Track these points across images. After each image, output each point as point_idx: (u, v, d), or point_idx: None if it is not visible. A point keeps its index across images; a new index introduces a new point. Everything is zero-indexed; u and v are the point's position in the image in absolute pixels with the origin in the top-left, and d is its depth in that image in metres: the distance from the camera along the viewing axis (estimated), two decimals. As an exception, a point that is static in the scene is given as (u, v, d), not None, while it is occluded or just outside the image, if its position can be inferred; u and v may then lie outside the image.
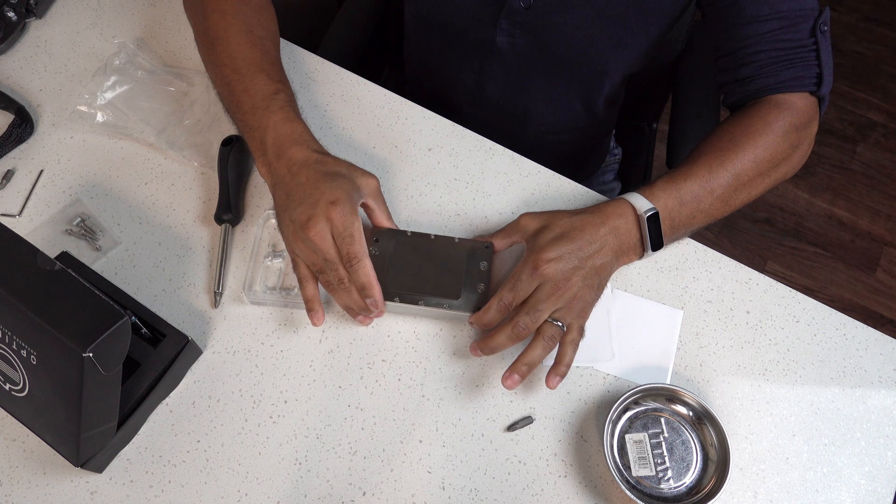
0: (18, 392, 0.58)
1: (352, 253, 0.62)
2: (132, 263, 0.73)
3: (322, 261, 0.63)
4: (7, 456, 0.64)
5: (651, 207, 0.66)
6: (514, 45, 0.81)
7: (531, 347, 0.63)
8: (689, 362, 0.69)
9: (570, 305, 0.64)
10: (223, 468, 0.64)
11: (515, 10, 0.77)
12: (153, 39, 0.88)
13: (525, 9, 0.76)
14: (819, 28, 0.69)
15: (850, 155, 1.86)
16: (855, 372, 0.69)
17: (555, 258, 0.64)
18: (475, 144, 0.81)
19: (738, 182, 0.69)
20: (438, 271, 0.69)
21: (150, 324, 0.65)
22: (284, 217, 0.66)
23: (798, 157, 0.73)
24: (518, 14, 0.77)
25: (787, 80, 0.71)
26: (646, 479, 0.62)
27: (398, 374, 0.68)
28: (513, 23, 0.78)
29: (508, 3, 0.76)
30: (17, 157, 0.79)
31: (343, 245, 0.62)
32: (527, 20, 0.78)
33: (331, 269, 0.63)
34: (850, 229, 1.76)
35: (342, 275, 0.63)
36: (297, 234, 0.64)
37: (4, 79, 0.84)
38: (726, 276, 0.74)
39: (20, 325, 0.54)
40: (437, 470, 0.64)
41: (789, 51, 0.70)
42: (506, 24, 0.79)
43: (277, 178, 0.67)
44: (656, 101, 1.16)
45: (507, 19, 0.78)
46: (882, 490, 0.64)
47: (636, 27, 0.77)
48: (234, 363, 0.69)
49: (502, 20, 0.78)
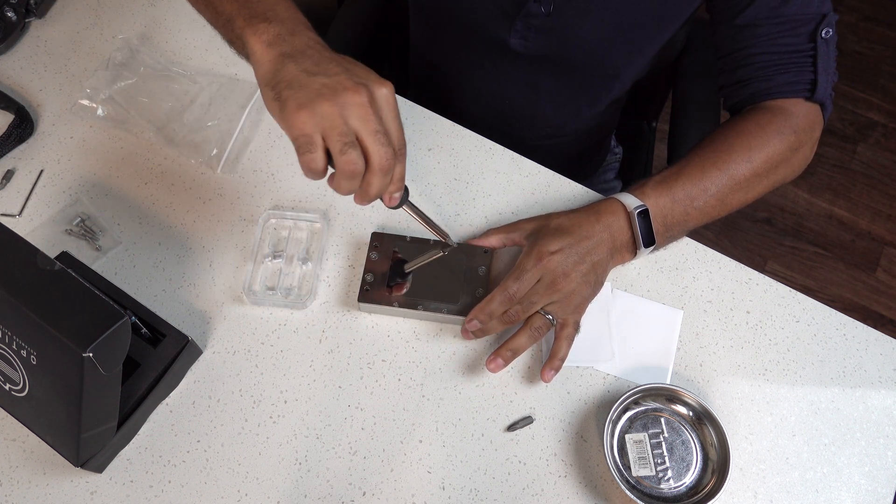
0: (18, 392, 0.58)
1: (403, 140, 0.54)
2: (132, 263, 0.73)
3: (346, 133, 0.50)
4: (7, 456, 0.64)
5: (641, 204, 0.67)
6: (527, 47, 0.81)
7: (518, 335, 0.65)
8: (689, 362, 0.69)
9: (567, 300, 0.65)
10: (223, 468, 0.64)
11: (534, 13, 0.76)
12: (153, 39, 0.88)
13: (546, 14, 0.76)
14: (820, 34, 0.69)
15: (851, 155, 1.86)
16: (855, 372, 0.69)
17: (557, 250, 0.65)
18: (475, 144, 0.81)
19: (733, 182, 0.69)
20: (437, 276, 0.69)
21: (150, 324, 0.65)
22: (304, 79, 0.51)
23: (799, 159, 0.72)
24: (536, 18, 0.77)
25: (780, 85, 0.71)
26: (646, 479, 0.62)
27: (398, 374, 0.68)
28: (528, 26, 0.78)
29: (527, 7, 0.76)
30: (17, 157, 0.79)
31: (395, 129, 0.53)
32: (544, 24, 0.77)
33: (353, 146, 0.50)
34: (851, 229, 1.76)
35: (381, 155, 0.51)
36: (323, 95, 0.50)
37: (4, 79, 0.84)
38: (726, 276, 0.74)
39: (20, 325, 0.54)
40: (437, 470, 0.64)
41: (785, 55, 0.70)
42: (521, 26, 0.78)
43: (294, 49, 0.54)
44: (656, 101, 1.16)
45: (523, 22, 0.78)
46: (882, 490, 0.64)
47: (651, 32, 0.77)
48: (234, 363, 0.69)
49: (518, 23, 0.78)
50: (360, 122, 0.50)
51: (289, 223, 0.75)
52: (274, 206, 0.77)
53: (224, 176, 0.79)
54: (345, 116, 0.50)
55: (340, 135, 0.50)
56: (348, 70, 0.52)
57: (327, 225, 0.75)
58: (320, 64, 0.52)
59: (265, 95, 0.53)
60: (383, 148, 0.51)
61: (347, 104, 0.50)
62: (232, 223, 0.76)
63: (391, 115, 0.53)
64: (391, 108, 0.53)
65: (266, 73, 0.53)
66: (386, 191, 0.54)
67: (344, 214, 0.76)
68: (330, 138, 0.50)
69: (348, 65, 0.53)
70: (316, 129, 0.50)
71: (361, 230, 0.75)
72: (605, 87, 0.87)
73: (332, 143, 0.50)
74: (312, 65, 0.52)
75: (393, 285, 0.69)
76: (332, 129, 0.50)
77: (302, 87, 0.50)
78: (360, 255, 0.74)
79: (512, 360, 0.66)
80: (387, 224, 0.76)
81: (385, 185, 0.53)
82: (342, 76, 0.51)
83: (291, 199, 0.77)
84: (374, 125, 0.50)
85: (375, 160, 0.51)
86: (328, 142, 0.50)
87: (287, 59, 0.53)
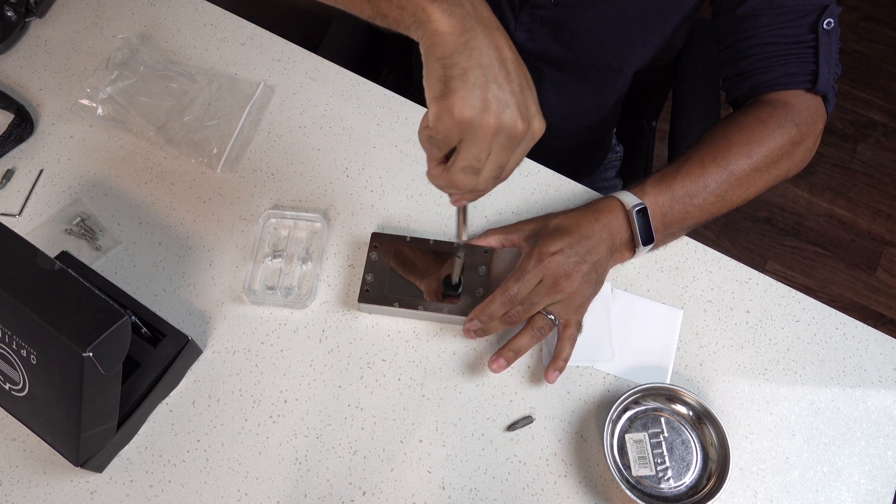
0: (18, 392, 0.58)
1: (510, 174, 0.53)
2: (132, 263, 0.73)
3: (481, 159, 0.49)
4: (7, 456, 0.64)
5: (639, 202, 0.67)
6: (532, 39, 0.81)
7: (520, 335, 0.65)
8: (689, 362, 0.69)
9: (568, 300, 0.65)
10: (223, 468, 0.64)
11: (541, 4, 0.76)
12: (153, 39, 0.88)
13: (553, 4, 0.76)
14: (822, 24, 0.68)
15: (851, 154, 1.86)
16: (855, 372, 0.69)
17: (557, 251, 0.65)
18: (475, 144, 0.81)
19: (733, 178, 0.68)
20: (437, 276, 0.70)
21: (150, 323, 0.65)
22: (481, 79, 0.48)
23: (801, 153, 0.72)
24: (542, 8, 0.77)
25: (780, 76, 0.70)
26: (646, 478, 0.62)
27: (398, 374, 0.68)
28: (534, 17, 0.78)
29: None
30: (17, 157, 0.79)
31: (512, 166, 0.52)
32: (549, 15, 0.77)
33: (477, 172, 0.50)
34: (851, 229, 1.76)
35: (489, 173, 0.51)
36: (491, 112, 0.48)
37: (4, 78, 0.84)
38: (726, 276, 0.74)
39: (20, 325, 0.54)
40: (437, 470, 0.64)
41: (786, 46, 0.69)
42: (527, 18, 0.78)
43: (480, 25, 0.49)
44: (656, 100, 1.17)
45: (528, 14, 0.78)
46: (882, 490, 0.64)
47: (655, 23, 0.77)
48: (234, 363, 0.69)
49: (523, 14, 0.78)
50: (497, 153, 0.49)
51: (289, 223, 0.75)
52: (274, 205, 0.77)
53: (224, 175, 0.79)
54: (493, 141, 0.48)
55: (475, 158, 0.49)
56: (522, 92, 0.49)
57: (327, 225, 0.75)
58: (501, 68, 0.48)
59: (431, 68, 0.48)
60: (493, 180, 0.51)
61: (503, 134, 0.48)
62: (232, 223, 0.76)
63: (523, 152, 0.51)
64: (528, 147, 0.51)
65: (443, 45, 0.48)
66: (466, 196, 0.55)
67: (344, 214, 0.76)
68: (465, 152, 0.49)
69: (524, 82, 0.50)
70: (459, 136, 0.48)
71: (361, 230, 0.75)
72: (609, 80, 0.87)
73: (463, 157, 0.49)
74: (495, 64, 0.48)
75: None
76: (473, 145, 0.48)
77: (475, 87, 0.47)
78: (360, 255, 0.74)
79: (514, 361, 0.66)
80: (387, 224, 0.76)
81: (466, 197, 0.55)
82: (515, 98, 0.48)
83: (291, 199, 0.77)
84: (504, 159, 0.50)
85: (480, 186, 0.51)
86: (461, 151, 0.49)
87: (471, 38, 0.48)
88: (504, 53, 0.49)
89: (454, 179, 0.50)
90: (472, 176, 0.50)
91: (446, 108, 0.47)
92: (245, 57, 0.87)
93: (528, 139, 0.50)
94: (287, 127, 0.82)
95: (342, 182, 0.78)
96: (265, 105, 0.83)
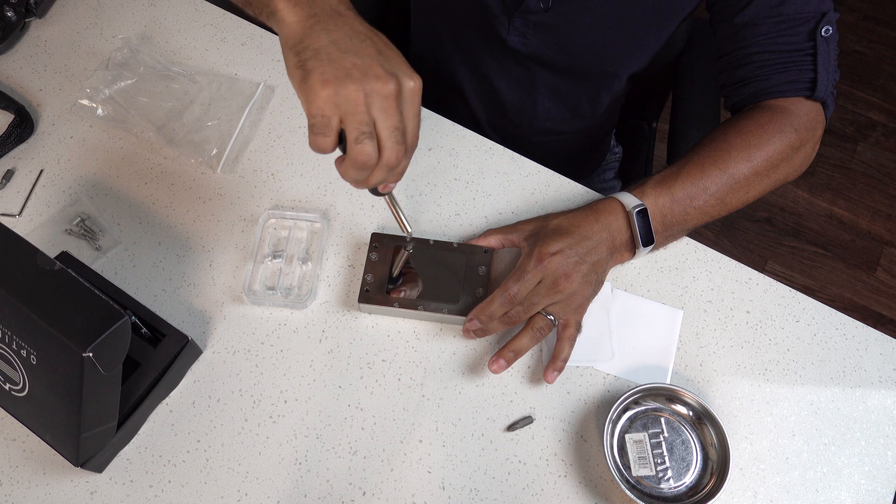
0: (18, 392, 0.58)
1: (416, 139, 0.52)
2: (132, 263, 0.73)
3: (366, 123, 0.49)
4: (7, 456, 0.64)
5: (639, 203, 0.67)
6: (526, 44, 0.81)
7: (520, 336, 0.65)
8: (689, 362, 0.69)
9: (568, 301, 0.65)
10: (223, 468, 0.64)
11: (533, 9, 0.76)
12: (153, 39, 0.88)
13: (544, 10, 0.76)
14: (820, 32, 0.68)
15: (850, 154, 1.86)
16: (855, 372, 0.69)
17: (557, 251, 0.65)
18: (475, 144, 0.81)
19: (732, 181, 0.69)
20: (437, 276, 0.69)
21: (150, 324, 0.65)
22: (333, 52, 0.49)
23: (800, 158, 0.72)
24: (534, 14, 0.77)
25: (780, 84, 0.71)
26: (646, 478, 0.62)
27: (398, 374, 0.68)
28: (527, 22, 0.78)
29: (525, 3, 0.76)
30: (17, 157, 0.79)
31: (412, 127, 0.52)
32: (542, 20, 0.77)
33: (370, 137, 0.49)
34: (850, 229, 1.76)
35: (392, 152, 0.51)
36: (352, 77, 0.48)
37: (4, 79, 0.84)
38: (726, 276, 0.74)
39: (20, 325, 0.54)
40: (437, 470, 0.64)
41: (784, 54, 0.70)
42: (520, 23, 0.78)
43: (323, 11, 0.51)
44: (656, 101, 1.16)
45: (521, 18, 0.78)
46: (882, 490, 0.64)
47: (650, 28, 0.77)
48: (234, 363, 0.69)
49: (516, 19, 0.78)
50: (382, 114, 0.49)
51: (289, 223, 0.75)
52: (274, 205, 0.77)
53: (224, 176, 0.79)
54: (368, 104, 0.48)
55: (360, 123, 0.48)
56: (381, 54, 0.50)
57: (327, 225, 0.75)
58: (352, 38, 0.50)
59: (287, 60, 0.50)
60: (397, 145, 0.50)
61: (374, 92, 0.48)
62: (232, 223, 0.76)
63: (413, 111, 0.51)
64: (414, 104, 0.51)
65: (291, 34, 0.50)
66: (385, 181, 0.54)
67: (344, 214, 0.76)
68: (348, 124, 0.49)
69: (382, 45, 0.51)
70: (335, 112, 0.48)
71: (361, 230, 0.75)
72: (604, 84, 0.87)
73: (350, 129, 0.49)
74: (344, 37, 0.49)
75: (391, 289, 0.70)
76: (352, 114, 0.48)
77: (330, 61, 0.48)
78: (360, 255, 0.74)
79: (514, 361, 0.66)
80: (387, 224, 0.76)
81: (387, 178, 0.53)
82: (374, 60, 0.49)
83: (291, 199, 0.77)
84: (394, 120, 0.49)
85: (386, 156, 0.50)
86: (346, 127, 0.49)
87: (316, 23, 0.50)
88: (355, 27, 0.50)
89: (355, 157, 0.49)
90: (369, 146, 0.49)
91: (310, 89, 0.48)
92: (245, 57, 0.87)
93: (409, 95, 0.50)
94: (287, 127, 0.82)
95: (342, 182, 0.78)
96: (265, 105, 0.83)
